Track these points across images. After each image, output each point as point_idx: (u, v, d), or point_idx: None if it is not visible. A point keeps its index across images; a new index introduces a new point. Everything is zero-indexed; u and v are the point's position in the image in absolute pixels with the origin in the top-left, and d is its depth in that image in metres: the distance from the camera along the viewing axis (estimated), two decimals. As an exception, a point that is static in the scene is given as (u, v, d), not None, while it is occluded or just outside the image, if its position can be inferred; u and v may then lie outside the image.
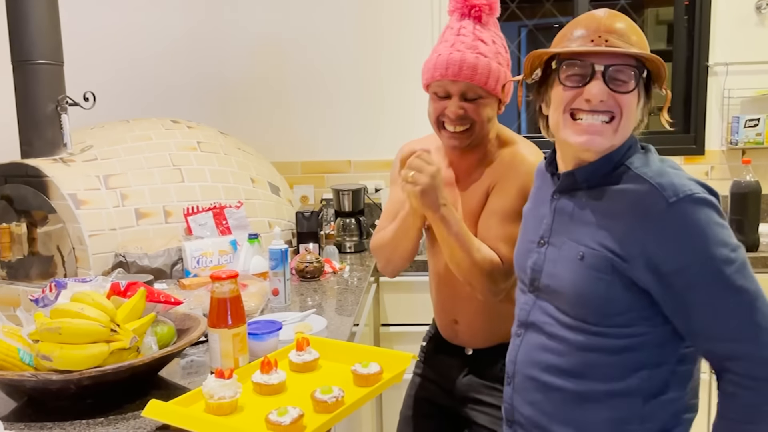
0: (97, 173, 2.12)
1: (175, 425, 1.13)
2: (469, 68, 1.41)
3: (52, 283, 1.32)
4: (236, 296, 1.34)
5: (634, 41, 1.08)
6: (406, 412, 1.77)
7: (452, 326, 1.64)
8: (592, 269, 1.07)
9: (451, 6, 1.49)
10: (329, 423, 1.13)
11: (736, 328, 0.99)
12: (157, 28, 3.01)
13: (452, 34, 1.46)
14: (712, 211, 1.01)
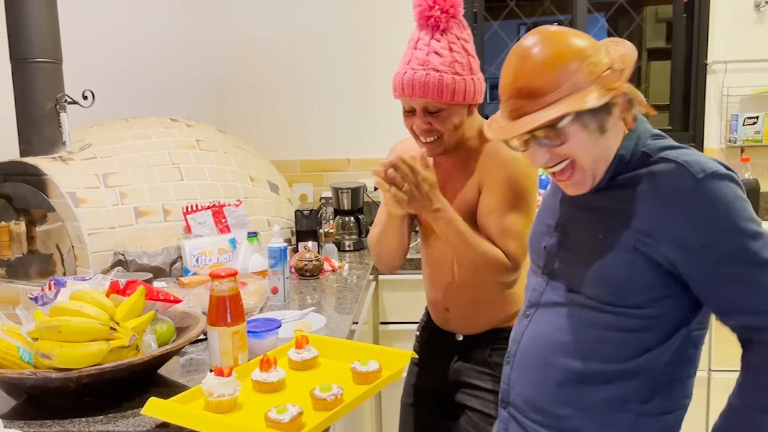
0: (96, 172, 2.12)
1: (175, 423, 1.13)
2: (420, 86, 1.45)
3: (51, 282, 1.32)
4: (235, 294, 1.34)
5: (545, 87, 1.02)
6: (407, 400, 1.81)
7: (444, 314, 1.69)
8: (614, 249, 1.07)
9: (418, 18, 1.51)
10: (328, 421, 1.13)
11: (764, 300, 0.99)
12: (156, 26, 3.01)
13: (410, 48, 1.51)
14: (737, 187, 1.01)
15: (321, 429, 1.12)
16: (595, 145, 1.06)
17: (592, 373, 1.11)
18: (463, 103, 1.50)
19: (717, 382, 2.46)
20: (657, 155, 1.07)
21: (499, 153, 1.52)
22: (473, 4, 2.97)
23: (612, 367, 1.09)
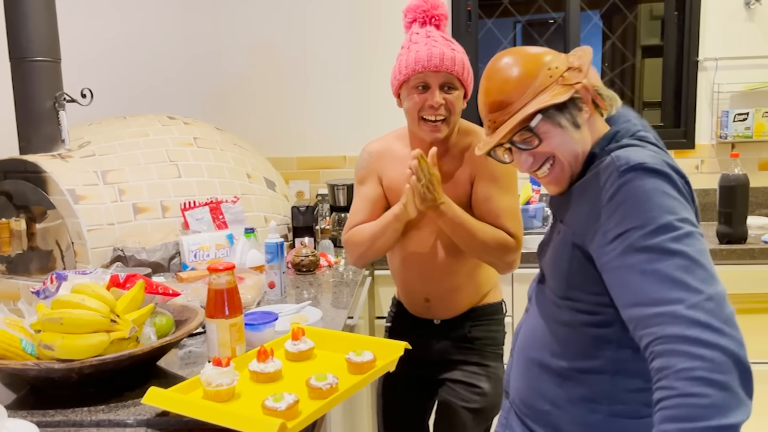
0: (95, 169, 2.15)
1: (174, 411, 1.16)
2: (449, 60, 1.55)
3: (53, 275, 1.36)
4: (233, 287, 1.38)
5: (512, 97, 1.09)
6: (386, 389, 1.89)
7: (423, 304, 1.77)
8: (561, 244, 1.13)
9: (408, 17, 1.63)
10: (323, 409, 1.17)
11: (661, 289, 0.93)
12: (153, 26, 3.04)
13: (422, 37, 1.58)
14: (664, 182, 0.99)
15: (316, 417, 1.16)
16: (571, 140, 1.10)
17: (562, 370, 1.13)
18: (466, 87, 1.62)
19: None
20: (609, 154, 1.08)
21: (471, 140, 1.66)
22: (467, 2, 3.00)
23: (579, 364, 1.12)
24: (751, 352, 0.95)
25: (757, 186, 2.94)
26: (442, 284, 1.73)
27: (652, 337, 0.92)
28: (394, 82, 1.65)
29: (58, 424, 1.20)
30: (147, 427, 1.19)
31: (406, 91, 1.62)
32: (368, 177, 1.76)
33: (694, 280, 0.91)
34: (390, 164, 1.74)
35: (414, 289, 1.77)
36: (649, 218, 0.96)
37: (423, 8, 1.61)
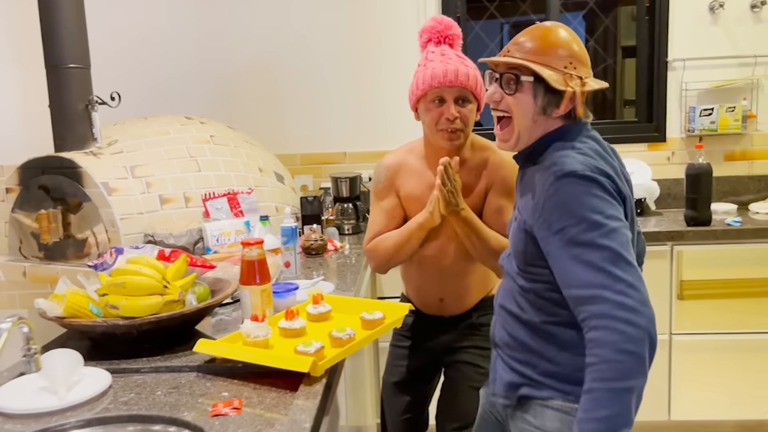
0: (124, 164, 2.38)
1: (221, 356, 1.41)
2: (463, 75, 1.70)
3: (111, 250, 1.60)
4: (262, 259, 1.62)
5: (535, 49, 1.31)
6: (395, 379, 2.04)
7: (438, 303, 1.93)
8: (517, 229, 1.36)
9: (424, 37, 1.78)
10: (344, 353, 1.42)
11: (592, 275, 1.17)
12: (168, 36, 3.27)
13: (437, 55, 1.73)
14: (593, 186, 1.21)
15: (339, 359, 1.41)
16: (533, 115, 1.33)
17: (533, 323, 1.35)
18: (480, 104, 1.77)
19: (678, 345, 2.76)
20: (551, 154, 1.31)
21: (504, 163, 1.80)
22: (456, 9, 3.26)
23: (545, 318, 1.33)
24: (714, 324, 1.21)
25: (723, 175, 3.22)
26: (456, 285, 1.90)
27: (586, 314, 1.18)
28: (412, 97, 1.78)
29: (122, 371, 1.44)
30: (198, 371, 1.43)
31: (423, 105, 1.75)
32: (387, 190, 1.87)
33: (618, 269, 1.16)
34: (406, 177, 1.86)
35: (429, 291, 1.92)
36: (581, 217, 1.20)
37: (437, 29, 1.76)
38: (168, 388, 1.35)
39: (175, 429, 1.20)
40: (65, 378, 1.32)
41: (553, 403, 1.33)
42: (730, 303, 2.74)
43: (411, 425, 2.05)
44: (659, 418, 2.79)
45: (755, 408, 2.78)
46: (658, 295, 2.73)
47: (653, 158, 3.24)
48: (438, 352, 1.97)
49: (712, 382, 2.77)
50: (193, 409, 1.24)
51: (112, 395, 1.33)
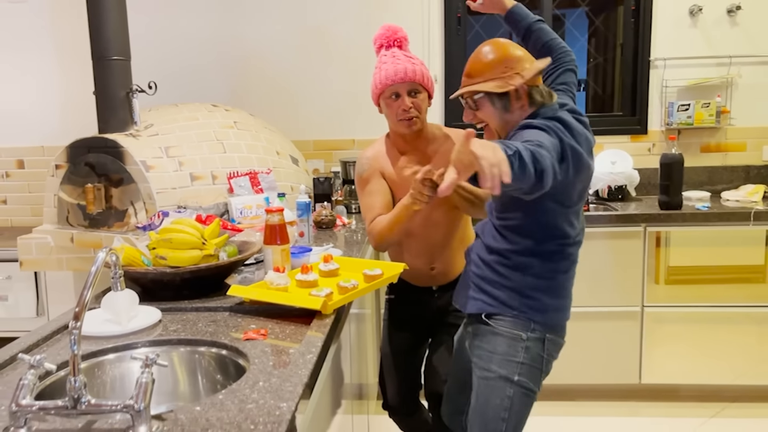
0: (159, 145, 2.72)
1: (250, 298, 1.74)
2: (411, 72, 2.03)
3: (159, 212, 1.93)
4: (282, 224, 1.95)
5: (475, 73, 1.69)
6: (387, 349, 2.37)
7: (428, 273, 2.23)
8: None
9: (377, 43, 2.11)
10: (349, 298, 1.75)
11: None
12: (195, 31, 3.60)
13: (389, 57, 2.07)
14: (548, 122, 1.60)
15: (345, 302, 1.74)
16: (500, 117, 1.69)
17: (501, 251, 1.73)
18: (430, 91, 2.10)
19: (648, 316, 3.08)
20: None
21: (442, 132, 2.18)
22: (458, 10, 3.56)
23: (510, 246, 1.71)
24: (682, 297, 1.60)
25: (698, 165, 3.52)
26: (444, 255, 2.21)
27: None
28: (373, 96, 2.10)
29: (168, 310, 1.77)
30: (230, 311, 1.76)
31: (383, 101, 2.08)
32: (372, 175, 2.17)
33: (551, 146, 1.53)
34: (385, 162, 2.17)
35: (421, 260, 2.22)
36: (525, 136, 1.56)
37: (386, 35, 2.10)
38: (207, 322, 1.68)
39: (216, 349, 1.54)
40: (126, 311, 1.65)
41: (502, 330, 1.67)
42: (698, 279, 3.05)
43: (407, 387, 2.37)
44: (631, 381, 3.11)
45: (719, 373, 3.10)
46: (631, 271, 3.04)
47: (635, 149, 3.55)
48: (428, 319, 2.28)
49: (679, 350, 3.08)
50: (228, 335, 1.58)
51: (163, 326, 1.67)
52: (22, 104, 3.70)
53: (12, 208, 3.78)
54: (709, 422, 2.98)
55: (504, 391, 1.69)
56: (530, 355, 1.72)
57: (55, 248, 2.77)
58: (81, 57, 3.60)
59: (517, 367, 1.69)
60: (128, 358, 1.53)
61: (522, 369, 1.68)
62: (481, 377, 1.75)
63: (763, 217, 2.97)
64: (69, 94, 3.66)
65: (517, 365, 1.69)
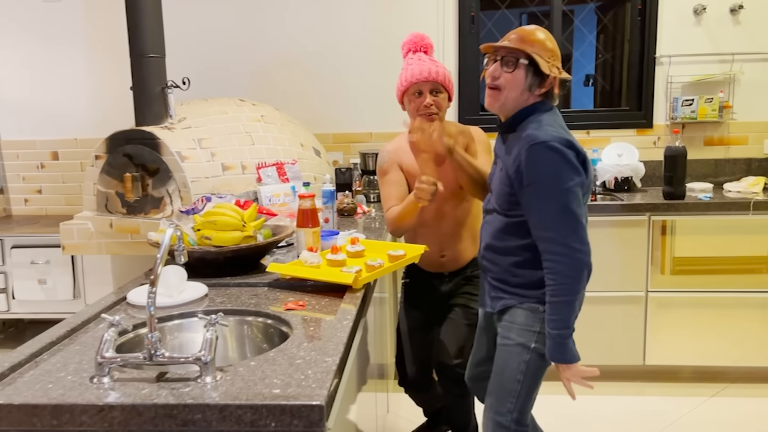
0: (192, 137, 2.90)
1: (287, 274, 1.92)
2: (434, 73, 2.23)
3: (202, 197, 2.11)
4: (314, 209, 2.13)
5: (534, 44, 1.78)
6: (403, 328, 2.57)
7: (439, 260, 2.43)
8: (501, 179, 1.84)
9: (405, 48, 2.32)
10: (376, 275, 1.93)
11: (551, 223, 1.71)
12: (224, 30, 3.78)
13: (415, 60, 2.28)
14: (556, 155, 1.69)
15: (373, 278, 1.92)
16: (519, 91, 1.81)
17: (507, 247, 1.87)
18: (449, 92, 2.29)
19: (652, 300, 3.24)
20: (527, 128, 1.79)
21: (470, 134, 2.37)
22: (471, 9, 3.72)
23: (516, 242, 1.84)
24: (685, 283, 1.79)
25: (702, 158, 3.67)
26: (453, 244, 2.41)
27: (543, 249, 1.75)
28: (398, 93, 2.31)
29: (213, 285, 1.96)
30: (269, 286, 1.95)
31: (407, 98, 2.28)
32: (391, 167, 2.37)
33: (565, 223, 1.70)
34: (404, 156, 2.37)
35: (432, 249, 2.40)
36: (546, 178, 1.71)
37: (414, 41, 2.31)
38: (249, 296, 1.87)
39: (262, 318, 1.72)
40: (176, 285, 1.84)
41: (522, 306, 1.85)
42: (702, 270, 3.21)
43: (421, 363, 2.55)
44: (635, 362, 3.28)
45: (719, 355, 3.26)
46: (636, 258, 3.21)
47: (641, 142, 3.70)
48: (439, 301, 2.48)
49: (682, 333, 3.25)
50: (270, 307, 1.76)
51: (209, 299, 1.85)
52: (56, 99, 3.89)
53: (47, 197, 3.98)
54: (709, 401, 3.14)
55: (521, 357, 1.87)
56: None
57: (95, 233, 2.96)
58: (112, 54, 3.79)
59: (534, 335, 1.85)
60: (182, 326, 1.71)
61: (538, 337, 1.85)
62: (501, 344, 1.92)
63: (762, 207, 3.13)
64: (101, 89, 3.85)
65: (533, 334, 1.85)
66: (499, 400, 1.92)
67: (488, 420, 1.96)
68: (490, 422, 1.95)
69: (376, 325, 2.43)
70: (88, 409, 1.18)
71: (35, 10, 3.83)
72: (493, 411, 1.94)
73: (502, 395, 1.92)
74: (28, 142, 3.94)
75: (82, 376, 1.32)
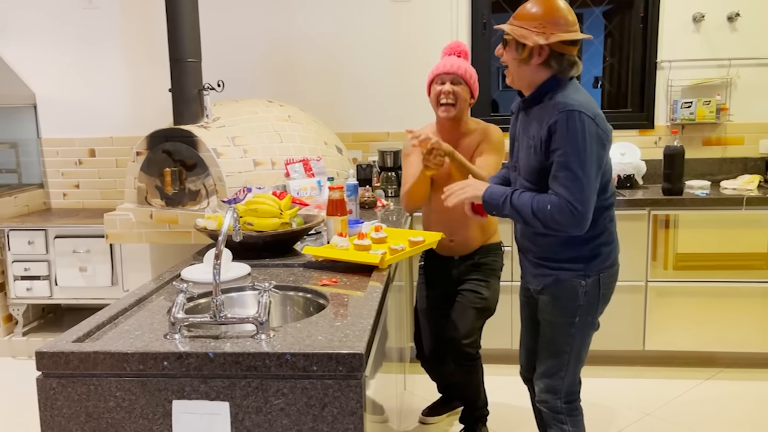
0: (226, 135, 3.16)
1: (321, 256, 2.17)
2: (456, 67, 2.51)
3: (243, 188, 2.36)
4: (342, 199, 2.38)
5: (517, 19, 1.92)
6: (421, 306, 2.85)
7: (449, 244, 2.69)
8: (531, 152, 1.99)
9: (443, 52, 2.59)
10: (399, 257, 2.17)
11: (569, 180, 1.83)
12: (253, 37, 4.04)
13: (447, 59, 2.56)
14: (581, 122, 1.82)
15: (396, 260, 2.16)
16: (517, 65, 1.95)
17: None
18: (470, 87, 2.54)
19: (652, 289, 3.47)
20: (555, 97, 1.90)
21: (489, 129, 2.61)
22: (483, 16, 3.96)
23: None
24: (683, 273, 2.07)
25: (700, 157, 3.89)
26: (461, 230, 2.66)
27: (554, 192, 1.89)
28: (427, 83, 2.60)
29: (254, 265, 2.20)
30: (304, 267, 2.19)
31: (432, 87, 2.57)
32: (413, 151, 2.64)
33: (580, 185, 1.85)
34: None
35: (442, 233, 2.63)
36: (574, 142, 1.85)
37: (452, 46, 2.58)
38: (287, 275, 2.11)
39: (302, 293, 1.96)
40: (223, 264, 2.08)
41: (565, 281, 2.02)
42: (702, 265, 3.43)
43: (436, 338, 2.81)
44: (636, 348, 3.51)
45: (714, 341, 3.48)
46: (637, 249, 3.43)
47: (643, 142, 3.93)
48: (451, 284, 2.73)
49: (679, 321, 3.47)
50: (307, 283, 2.00)
51: (252, 277, 2.10)
52: (94, 99, 4.17)
53: (84, 191, 4.25)
54: (704, 383, 3.36)
55: (567, 331, 2.03)
56: (588, 297, 2.01)
57: (136, 223, 3.22)
58: (147, 57, 4.06)
59: (577, 309, 2.01)
60: (233, 300, 1.96)
61: (581, 310, 2.00)
62: (546, 319, 2.08)
63: (754, 202, 3.35)
64: (135, 90, 4.12)
65: (576, 308, 2.01)
66: (549, 368, 2.08)
67: (539, 386, 2.11)
68: (542, 384, 2.10)
69: (395, 310, 2.67)
70: (169, 356, 1.43)
71: (76, 16, 4.10)
72: (545, 377, 2.09)
73: (551, 363, 2.07)
74: (67, 140, 4.21)
75: (157, 333, 1.57)
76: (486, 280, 2.70)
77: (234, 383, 1.42)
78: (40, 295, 3.79)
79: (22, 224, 3.76)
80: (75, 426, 1.46)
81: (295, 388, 1.42)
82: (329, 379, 1.41)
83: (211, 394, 1.43)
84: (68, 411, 1.46)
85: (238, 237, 1.76)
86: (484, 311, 2.69)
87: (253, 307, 1.95)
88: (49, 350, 1.45)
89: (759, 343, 3.45)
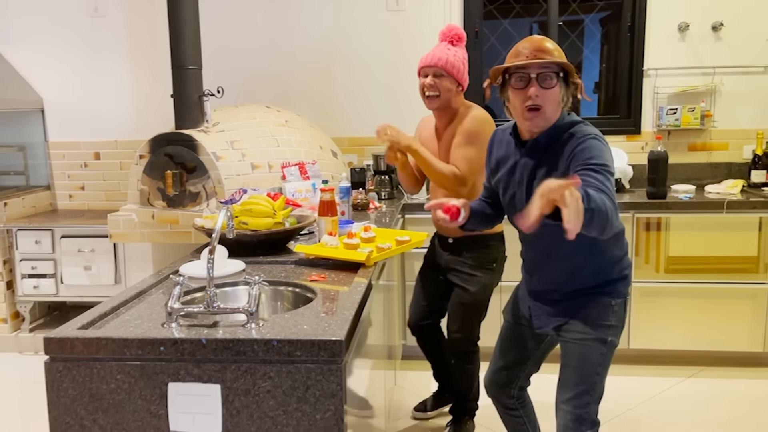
0: (225, 139, 3.29)
1: (311, 254, 2.30)
2: (437, 59, 2.58)
3: (239, 190, 2.49)
4: (332, 201, 2.50)
5: (555, 55, 1.83)
6: (417, 277, 2.99)
7: (438, 224, 2.80)
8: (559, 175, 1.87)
9: (440, 38, 2.67)
10: (384, 255, 2.29)
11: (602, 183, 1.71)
12: (249, 45, 4.18)
13: (435, 48, 2.65)
14: (602, 145, 1.82)
15: (382, 258, 2.28)
16: (555, 105, 1.87)
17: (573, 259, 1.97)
18: (454, 77, 2.60)
19: (636, 290, 3.58)
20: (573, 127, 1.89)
21: (466, 116, 2.65)
22: (475, 25, 4.09)
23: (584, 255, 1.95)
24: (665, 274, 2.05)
25: (685, 162, 4.01)
26: None
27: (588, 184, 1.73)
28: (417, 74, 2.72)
29: (248, 262, 2.33)
30: (295, 264, 2.32)
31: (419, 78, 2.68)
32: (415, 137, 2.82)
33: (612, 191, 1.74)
34: (423, 128, 2.83)
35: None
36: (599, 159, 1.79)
37: (444, 32, 2.64)
38: (279, 271, 2.24)
39: (292, 288, 2.09)
40: (219, 261, 2.22)
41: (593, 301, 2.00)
42: (681, 259, 3.55)
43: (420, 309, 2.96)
44: (621, 346, 3.62)
45: (696, 341, 3.59)
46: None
47: (630, 147, 4.05)
48: (443, 266, 2.83)
49: (663, 319, 3.59)
50: (298, 279, 2.13)
51: (246, 273, 2.22)
52: (99, 104, 4.31)
53: (89, 193, 4.39)
54: (686, 380, 3.48)
55: (599, 350, 1.97)
56: (617, 317, 2.00)
57: (139, 224, 3.36)
58: (150, 64, 4.20)
59: (609, 329, 1.98)
60: (227, 293, 2.09)
61: (612, 330, 1.98)
62: (575, 339, 2.00)
63: (735, 206, 3.46)
64: (139, 96, 4.27)
65: (608, 328, 1.97)
66: (577, 394, 1.99)
67: (566, 413, 2.01)
68: (569, 415, 2.01)
69: (382, 307, 2.79)
70: (165, 342, 1.56)
71: (83, 24, 4.25)
72: (572, 405, 2.00)
73: (581, 389, 1.99)
74: (73, 143, 4.36)
75: (155, 322, 1.70)
76: (473, 274, 2.73)
77: (225, 367, 1.55)
78: (47, 293, 3.93)
79: (29, 224, 3.90)
80: (79, 406, 1.59)
81: (281, 372, 1.54)
82: (312, 364, 1.54)
83: (203, 377, 1.56)
84: (73, 392, 1.59)
85: (231, 234, 1.89)
86: (473, 306, 2.75)
87: (245, 300, 2.08)
88: (56, 336, 1.58)
89: (740, 342, 3.56)
